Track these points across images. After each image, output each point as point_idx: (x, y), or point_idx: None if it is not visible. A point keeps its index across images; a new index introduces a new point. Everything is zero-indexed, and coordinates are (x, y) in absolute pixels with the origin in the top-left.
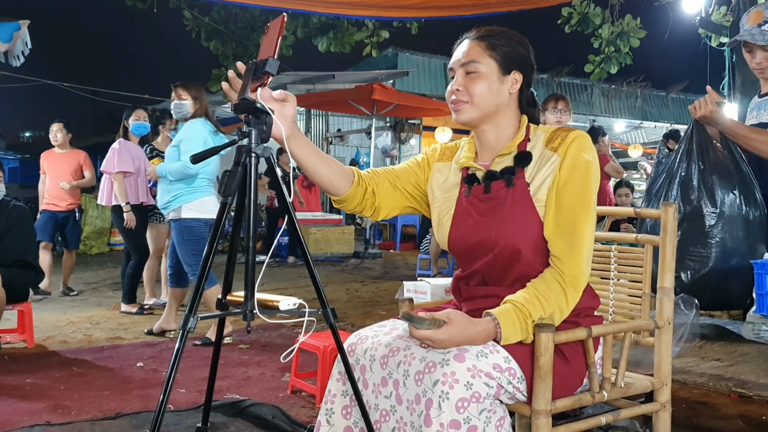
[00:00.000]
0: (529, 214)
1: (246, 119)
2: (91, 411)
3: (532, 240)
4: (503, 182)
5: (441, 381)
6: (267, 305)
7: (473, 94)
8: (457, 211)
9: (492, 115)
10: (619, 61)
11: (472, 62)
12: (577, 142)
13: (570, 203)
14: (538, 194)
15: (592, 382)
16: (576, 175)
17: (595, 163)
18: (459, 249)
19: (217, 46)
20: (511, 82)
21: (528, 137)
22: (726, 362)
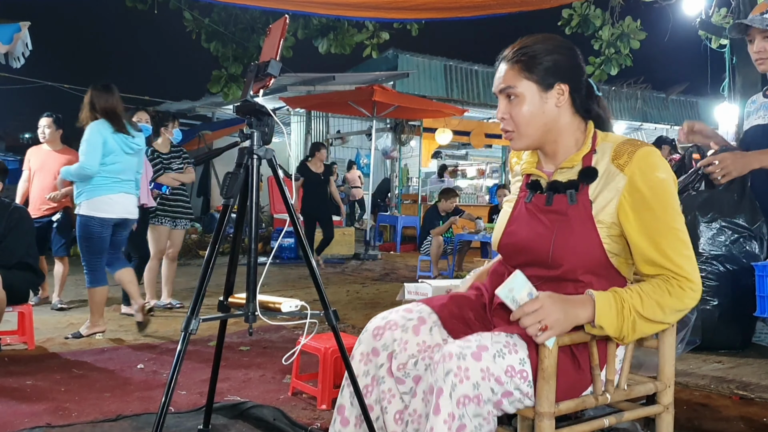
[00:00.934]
0: (590, 236)
1: (248, 121)
2: (91, 413)
3: (589, 262)
4: (566, 196)
5: (454, 372)
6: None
7: (518, 123)
8: (514, 214)
9: (545, 135)
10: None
11: (509, 87)
12: (645, 161)
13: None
14: (601, 215)
15: (595, 385)
16: (656, 196)
17: (671, 180)
18: (509, 253)
19: (217, 47)
20: (556, 96)
21: (594, 148)
22: (728, 365)
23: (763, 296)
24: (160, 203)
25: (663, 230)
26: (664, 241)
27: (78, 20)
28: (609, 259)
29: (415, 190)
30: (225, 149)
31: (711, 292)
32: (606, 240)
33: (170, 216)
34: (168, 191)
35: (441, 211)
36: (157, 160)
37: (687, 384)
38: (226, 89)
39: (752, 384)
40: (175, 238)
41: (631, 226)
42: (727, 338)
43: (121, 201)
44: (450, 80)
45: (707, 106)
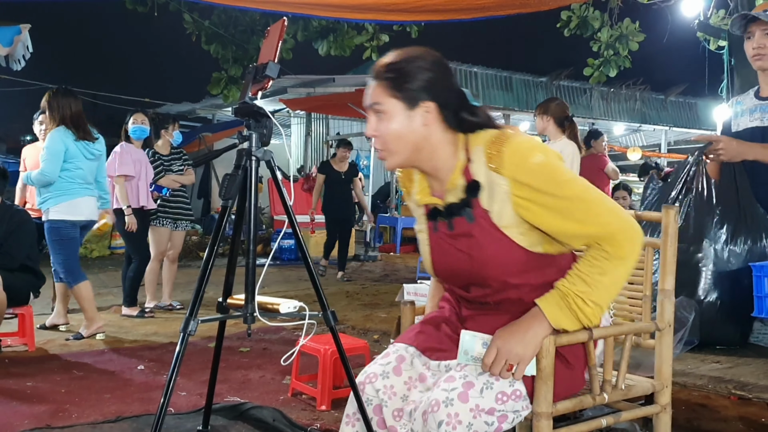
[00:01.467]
0: (503, 243)
1: (247, 123)
2: (91, 414)
3: (516, 266)
4: (464, 218)
5: (445, 422)
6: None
7: (386, 141)
8: (432, 245)
9: (417, 153)
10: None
11: (376, 104)
12: (515, 157)
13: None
14: (503, 221)
15: (593, 384)
16: (543, 180)
17: (549, 155)
18: (445, 279)
19: (217, 49)
20: (423, 114)
21: (469, 158)
22: (726, 364)
23: (760, 297)
24: (161, 205)
25: (569, 206)
26: (578, 214)
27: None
28: (533, 251)
29: None
30: (224, 151)
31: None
32: (519, 239)
33: (171, 217)
34: (168, 193)
35: None
36: (157, 162)
37: (685, 384)
38: (226, 91)
39: (750, 384)
40: (176, 239)
41: (539, 217)
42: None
43: (87, 204)
44: None
45: (706, 108)
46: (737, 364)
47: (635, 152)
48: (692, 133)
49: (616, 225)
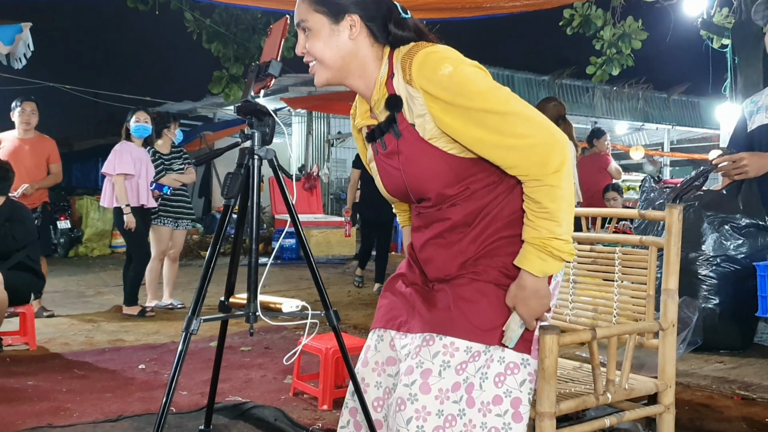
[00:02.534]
0: (431, 155)
1: (249, 121)
2: (92, 413)
3: (451, 176)
4: (392, 134)
5: (414, 417)
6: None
7: (315, 55)
8: (378, 168)
9: (345, 68)
10: (621, 63)
11: (302, 21)
12: (424, 68)
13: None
14: (427, 134)
15: (596, 384)
16: (456, 93)
17: (460, 64)
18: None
19: (218, 48)
20: (348, 28)
21: (392, 72)
22: (729, 365)
23: (765, 296)
24: (162, 204)
25: (483, 118)
26: (492, 126)
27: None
28: (464, 157)
29: None
30: (225, 150)
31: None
32: (448, 147)
33: (172, 216)
34: (169, 192)
35: None
36: (158, 161)
37: (688, 384)
38: (228, 90)
39: (754, 384)
40: (177, 238)
41: (453, 130)
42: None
43: None
44: None
45: (709, 107)
46: (741, 365)
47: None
48: (695, 132)
49: (535, 138)
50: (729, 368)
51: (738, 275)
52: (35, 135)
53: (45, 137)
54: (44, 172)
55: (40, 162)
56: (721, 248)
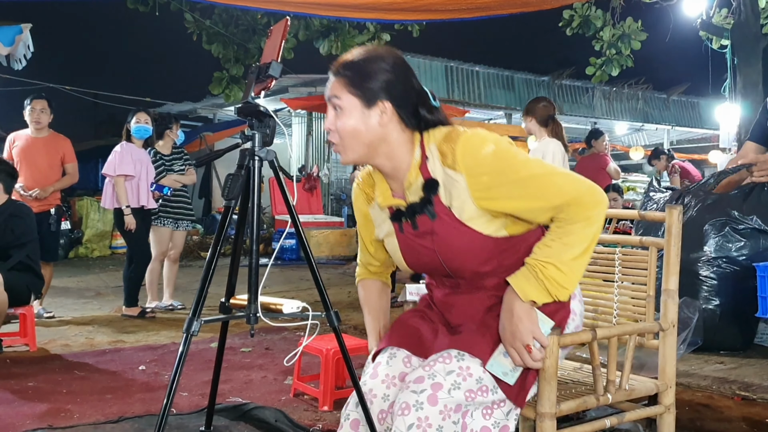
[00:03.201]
0: (467, 236)
1: (250, 122)
2: (93, 415)
3: (484, 253)
4: (426, 215)
5: (416, 425)
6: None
7: (342, 136)
8: (400, 245)
9: (373, 151)
10: (621, 64)
11: (335, 97)
12: (466, 153)
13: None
14: (464, 215)
15: (596, 385)
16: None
17: (498, 143)
18: (421, 272)
19: (218, 48)
20: (379, 114)
21: (425, 155)
22: (730, 365)
23: (765, 297)
24: (162, 205)
25: (529, 184)
26: (538, 191)
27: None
28: (499, 236)
29: None
30: (226, 151)
31: (713, 292)
32: (483, 228)
33: (172, 217)
34: (170, 193)
35: None
36: (159, 162)
37: (689, 385)
38: (228, 90)
39: (754, 385)
40: (177, 239)
41: (501, 203)
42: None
43: None
44: (451, 81)
45: (708, 107)
46: (741, 365)
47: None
48: (695, 133)
49: (578, 191)
50: (729, 369)
51: (738, 276)
52: (49, 133)
53: (59, 136)
54: (59, 172)
55: (54, 161)
56: (722, 249)
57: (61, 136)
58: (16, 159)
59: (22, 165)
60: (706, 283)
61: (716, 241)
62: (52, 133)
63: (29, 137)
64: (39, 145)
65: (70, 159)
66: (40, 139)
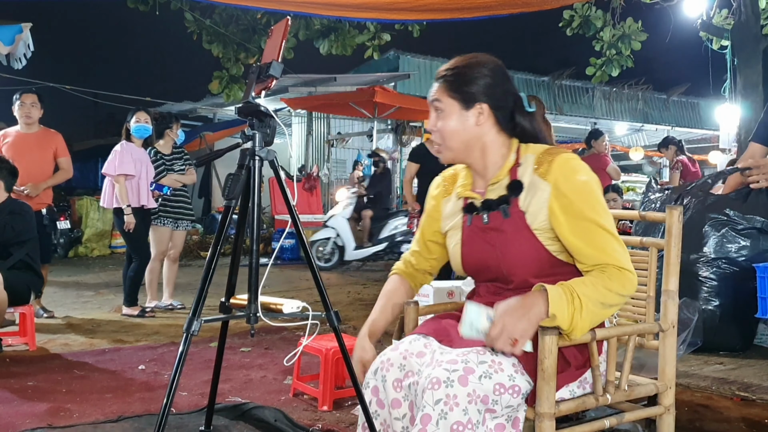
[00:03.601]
0: (530, 244)
1: (250, 122)
2: (92, 414)
3: (538, 268)
4: (500, 213)
5: (443, 401)
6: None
7: (443, 136)
8: (464, 238)
9: (469, 151)
10: (621, 64)
11: (436, 100)
12: (565, 167)
13: (587, 225)
14: (535, 224)
15: (596, 385)
16: (581, 197)
17: (593, 181)
18: (473, 273)
19: (218, 48)
20: (476, 115)
21: (518, 161)
22: (729, 366)
23: (764, 297)
24: (162, 204)
25: (593, 229)
26: (597, 239)
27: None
28: (557, 257)
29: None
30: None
31: (713, 293)
32: (548, 243)
33: (172, 217)
34: (169, 192)
35: None
36: (159, 161)
37: (688, 385)
38: (228, 90)
39: (754, 385)
40: (177, 239)
41: (563, 228)
42: (729, 340)
43: None
44: None
45: (708, 107)
46: (741, 366)
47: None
48: (695, 133)
49: (625, 263)
50: (729, 369)
51: (738, 277)
52: (40, 129)
53: (50, 131)
54: (51, 168)
55: (45, 156)
56: (721, 250)
57: (52, 130)
58: (7, 156)
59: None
60: (706, 284)
61: (716, 242)
62: (42, 128)
63: (19, 133)
64: (30, 140)
65: (63, 153)
66: (31, 135)
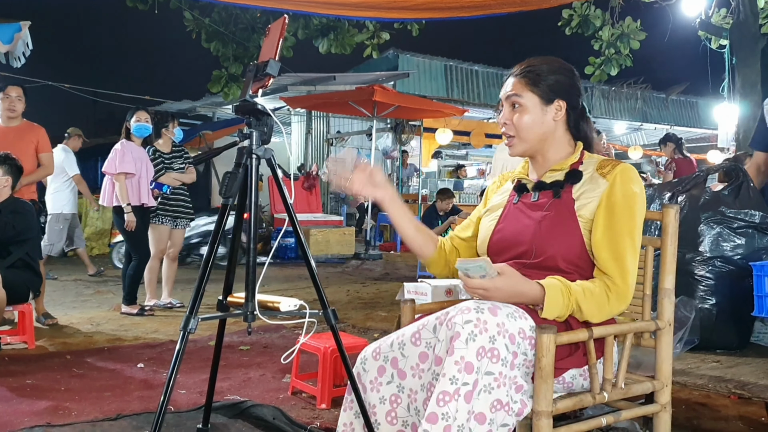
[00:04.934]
0: (571, 229)
1: (247, 121)
2: (91, 412)
3: (569, 253)
4: (551, 193)
5: (474, 323)
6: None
7: (519, 128)
8: (503, 214)
9: (541, 143)
10: (620, 63)
11: (515, 95)
12: (626, 174)
13: (619, 228)
14: (582, 211)
15: (593, 383)
16: (626, 204)
17: (642, 196)
18: (497, 250)
19: (217, 47)
20: (555, 111)
21: (581, 161)
22: (726, 364)
23: (761, 296)
24: (161, 203)
25: (619, 237)
26: (618, 248)
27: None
28: (587, 252)
29: (415, 190)
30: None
31: (710, 292)
32: (585, 234)
33: (171, 215)
34: (169, 191)
35: (439, 210)
36: (158, 160)
37: (685, 383)
38: (227, 89)
39: (750, 383)
40: (176, 237)
41: (599, 224)
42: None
43: None
44: (450, 80)
45: (707, 107)
46: (737, 364)
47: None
48: (694, 132)
49: (629, 286)
50: (726, 367)
51: (735, 275)
52: (22, 122)
53: (33, 124)
54: (32, 163)
55: (26, 150)
56: (718, 249)
57: (34, 124)
58: None
59: None
60: (702, 283)
61: (711, 241)
62: (25, 121)
63: (0, 127)
64: (11, 134)
65: (45, 148)
66: (12, 129)
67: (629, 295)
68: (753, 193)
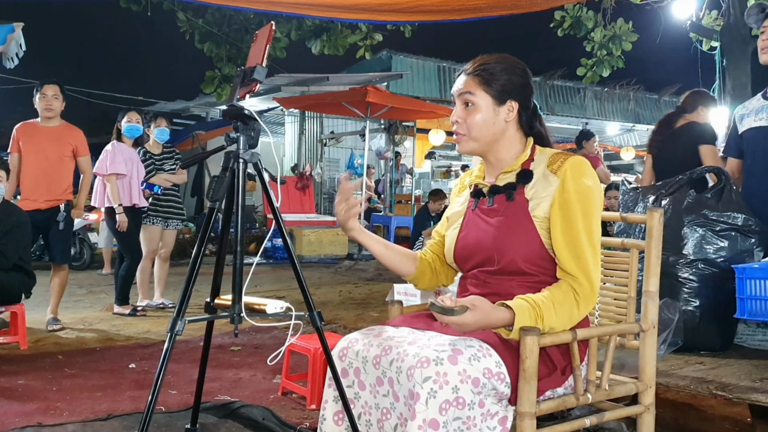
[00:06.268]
0: (528, 230)
1: (234, 125)
2: (83, 412)
3: (529, 254)
4: (505, 196)
5: (433, 379)
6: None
7: (470, 127)
8: (464, 222)
9: (492, 143)
10: (612, 65)
11: (468, 93)
12: (576, 168)
13: (576, 226)
14: (536, 211)
15: (576, 385)
16: (579, 200)
17: (597, 188)
18: (462, 258)
19: (211, 48)
20: (507, 111)
21: (532, 158)
22: (709, 366)
23: (743, 298)
24: (152, 204)
25: (577, 235)
26: (577, 246)
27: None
28: (547, 251)
29: (408, 190)
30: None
31: (693, 294)
32: (543, 234)
33: (162, 216)
34: (160, 191)
35: (431, 211)
36: (149, 161)
37: (667, 385)
38: (220, 90)
39: (731, 385)
40: (167, 238)
41: (555, 223)
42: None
43: None
44: (443, 81)
45: None
46: (720, 365)
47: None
48: None
49: (594, 284)
50: (708, 369)
51: (718, 278)
52: (61, 123)
53: (72, 127)
54: (70, 166)
55: (64, 153)
56: (701, 251)
57: (73, 126)
58: (23, 150)
59: (29, 157)
60: (686, 285)
61: (695, 244)
62: (64, 123)
63: (37, 126)
64: (48, 135)
65: (83, 152)
66: (51, 129)
67: (596, 294)
68: (736, 196)
